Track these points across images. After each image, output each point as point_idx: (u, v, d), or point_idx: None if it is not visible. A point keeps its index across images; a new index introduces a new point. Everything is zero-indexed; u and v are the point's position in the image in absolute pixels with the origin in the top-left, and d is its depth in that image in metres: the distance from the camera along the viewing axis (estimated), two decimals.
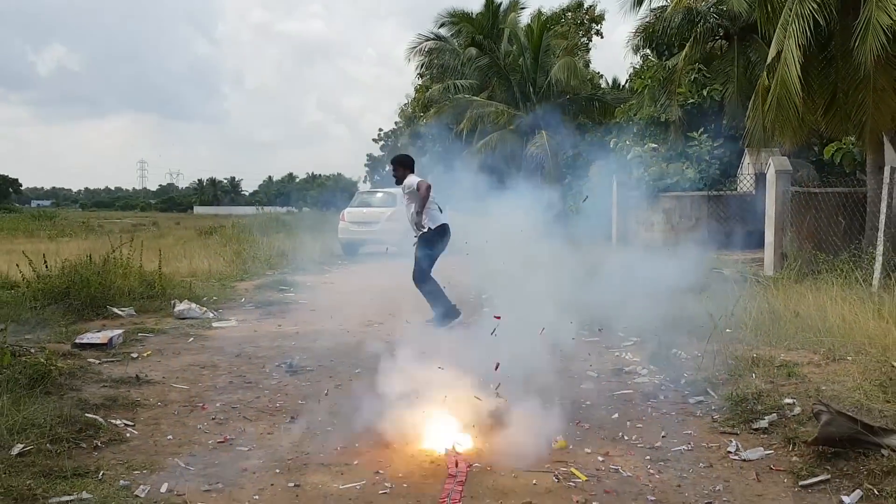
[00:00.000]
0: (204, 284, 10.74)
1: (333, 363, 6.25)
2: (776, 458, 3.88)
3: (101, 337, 6.55)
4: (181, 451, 4.18)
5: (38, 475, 3.66)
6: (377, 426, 4.44)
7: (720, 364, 5.43)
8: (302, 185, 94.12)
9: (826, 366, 5.24)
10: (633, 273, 8.78)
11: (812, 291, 7.76)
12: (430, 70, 33.76)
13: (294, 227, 23.25)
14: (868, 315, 6.39)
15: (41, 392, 4.79)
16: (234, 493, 3.63)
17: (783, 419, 4.26)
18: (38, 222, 38.60)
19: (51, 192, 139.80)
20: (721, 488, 3.58)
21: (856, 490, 3.38)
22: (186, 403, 5.08)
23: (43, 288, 8.41)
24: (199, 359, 6.35)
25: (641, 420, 4.62)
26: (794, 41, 11.75)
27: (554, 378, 5.21)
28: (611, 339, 6.73)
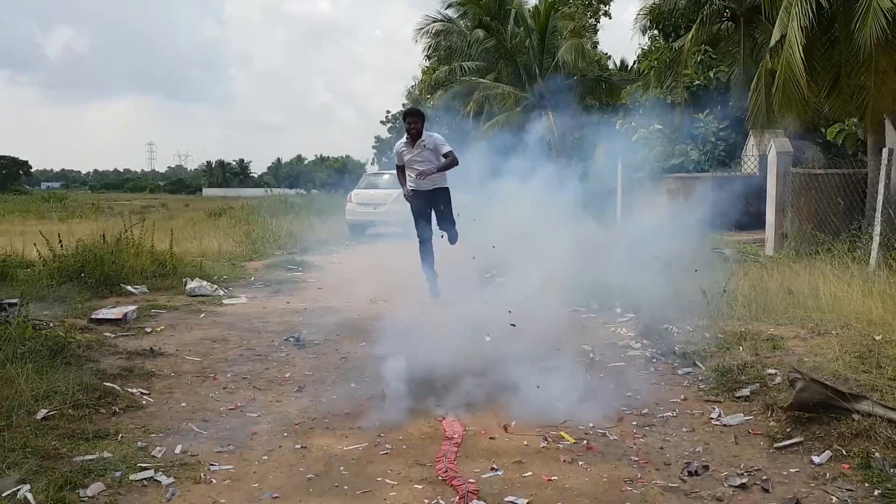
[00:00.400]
0: (214, 264, 10.98)
1: (339, 337, 6.50)
2: (755, 423, 4.11)
3: (116, 312, 6.81)
4: (194, 417, 4.44)
5: (62, 437, 3.92)
6: (380, 394, 4.69)
7: (710, 338, 5.66)
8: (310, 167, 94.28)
9: (811, 339, 5.45)
10: (634, 252, 8.96)
11: (808, 270, 7.94)
12: (438, 52, 33.78)
13: (302, 208, 23.46)
14: (857, 293, 6.58)
15: (61, 363, 5.05)
16: (244, 453, 3.88)
17: (764, 388, 4.49)
18: (48, 204, 38.96)
19: (60, 174, 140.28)
20: (701, 450, 3.82)
21: (825, 451, 3.61)
22: (199, 374, 5.34)
23: (58, 267, 8.67)
24: (210, 333, 6.60)
25: (631, 389, 4.85)
26: (797, 23, 11.85)
27: (549, 351, 5.44)
28: (607, 315, 6.95)
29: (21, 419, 4.03)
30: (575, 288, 7.83)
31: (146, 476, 3.54)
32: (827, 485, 3.35)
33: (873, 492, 3.23)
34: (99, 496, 3.31)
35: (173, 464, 3.71)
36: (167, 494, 3.37)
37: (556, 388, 4.66)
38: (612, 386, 4.91)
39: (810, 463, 3.57)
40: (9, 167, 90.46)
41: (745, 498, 3.27)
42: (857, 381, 4.30)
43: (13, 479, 3.36)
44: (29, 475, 3.42)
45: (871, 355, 4.77)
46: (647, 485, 3.42)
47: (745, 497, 3.28)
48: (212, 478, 3.57)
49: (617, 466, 3.64)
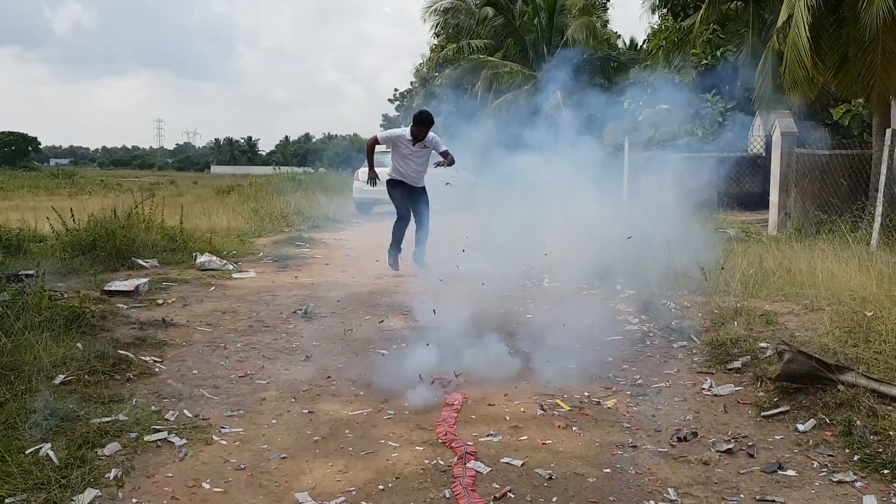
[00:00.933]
0: (223, 240, 11.14)
1: (345, 310, 6.66)
2: (744, 394, 4.26)
3: (129, 284, 6.99)
4: (205, 384, 4.62)
5: (80, 400, 4.10)
6: (384, 364, 4.87)
7: (706, 313, 5.80)
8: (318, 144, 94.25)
9: (804, 315, 5.59)
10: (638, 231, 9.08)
11: (807, 250, 8.05)
12: (446, 30, 33.72)
13: (310, 186, 23.60)
14: (854, 271, 6.70)
15: (77, 331, 5.22)
16: (253, 417, 4.06)
17: (755, 361, 4.63)
18: (57, 180, 39.23)
19: (69, 151, 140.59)
20: (691, 418, 3.98)
21: (810, 419, 3.76)
22: (209, 344, 5.51)
23: (71, 240, 8.86)
24: (220, 305, 6.78)
25: (627, 362, 5.01)
26: (803, 3, 11.88)
27: (550, 325, 5.59)
28: (608, 292, 7.09)
29: (40, 383, 4.21)
30: (578, 265, 7.97)
31: (160, 437, 3.72)
32: (809, 451, 3.51)
33: (853, 457, 3.38)
34: (115, 455, 3.48)
35: (185, 426, 3.89)
36: (180, 454, 3.55)
37: (554, 360, 4.83)
38: (609, 359, 5.06)
39: (795, 430, 3.72)
40: (18, 143, 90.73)
41: (730, 462, 3.42)
42: (845, 354, 4.44)
43: (36, 438, 3.54)
44: (49, 435, 3.60)
45: (861, 330, 4.90)
46: (638, 449, 3.58)
47: (730, 461, 3.43)
48: (222, 439, 3.75)
49: (609, 432, 3.80)
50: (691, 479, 3.25)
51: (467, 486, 3.13)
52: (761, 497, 3.07)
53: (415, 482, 3.24)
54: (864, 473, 3.24)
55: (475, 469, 3.31)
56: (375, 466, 3.41)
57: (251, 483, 3.26)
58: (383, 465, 3.42)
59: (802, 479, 3.25)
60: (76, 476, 3.20)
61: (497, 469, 3.34)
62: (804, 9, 11.73)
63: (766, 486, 3.18)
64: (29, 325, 4.90)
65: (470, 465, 3.34)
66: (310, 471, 3.38)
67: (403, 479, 3.26)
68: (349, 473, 3.35)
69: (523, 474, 3.29)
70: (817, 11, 11.81)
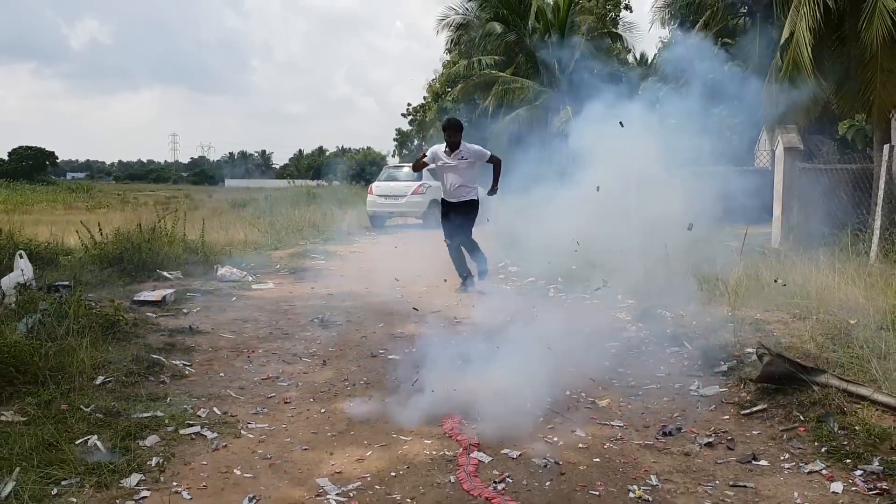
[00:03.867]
0: (241, 252, 11.58)
1: (360, 319, 7.05)
2: (728, 394, 4.62)
3: (156, 295, 7.41)
4: (232, 386, 5.01)
5: (119, 399, 4.51)
6: (396, 367, 5.25)
7: (699, 322, 6.15)
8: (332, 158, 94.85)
9: (792, 323, 5.93)
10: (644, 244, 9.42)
11: (804, 262, 8.37)
12: (459, 45, 34.25)
13: (324, 200, 24.08)
14: (846, 282, 7.02)
15: (113, 337, 5.64)
16: (276, 415, 4.45)
17: (741, 364, 4.98)
18: (74, 195, 39.92)
19: (85, 165, 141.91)
20: (678, 415, 4.34)
21: (786, 416, 4.11)
22: (234, 349, 5.91)
23: (99, 253, 9.32)
24: (242, 314, 7.18)
25: (623, 365, 5.37)
26: (805, 23, 12.25)
27: (552, 332, 5.95)
28: (609, 301, 7.44)
29: (83, 384, 4.62)
30: (583, 276, 8.36)
31: (194, 431, 4.11)
32: (783, 444, 3.86)
33: (821, 449, 3.73)
34: (155, 446, 3.87)
35: (216, 422, 4.28)
36: (212, 445, 3.93)
37: (555, 363, 5.18)
38: (606, 363, 5.42)
39: (771, 426, 4.07)
40: (36, 158, 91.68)
41: (710, 453, 3.78)
42: (825, 359, 4.80)
43: (83, 430, 3.94)
44: (96, 428, 4.00)
45: (842, 336, 5.25)
46: (627, 442, 3.94)
47: (710, 453, 3.79)
48: (249, 433, 4.13)
49: (602, 427, 4.16)
50: (672, 468, 3.61)
51: (470, 472, 3.50)
52: (734, 483, 3.42)
53: (423, 469, 3.61)
54: (830, 463, 3.59)
55: (478, 458, 3.68)
56: (388, 457, 3.78)
57: (277, 470, 3.64)
58: (395, 456, 3.79)
59: (774, 468, 3.60)
60: (122, 463, 3.60)
61: (497, 459, 3.71)
62: (806, 29, 12.10)
63: (740, 474, 3.54)
64: (70, 332, 5.31)
65: (473, 455, 3.71)
66: (329, 460, 3.76)
67: (413, 467, 3.64)
68: (365, 462, 3.72)
69: (521, 463, 3.66)
70: (819, 31, 12.18)
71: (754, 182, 18.32)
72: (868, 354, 4.73)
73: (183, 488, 3.40)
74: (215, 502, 3.30)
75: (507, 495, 3.28)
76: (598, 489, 3.36)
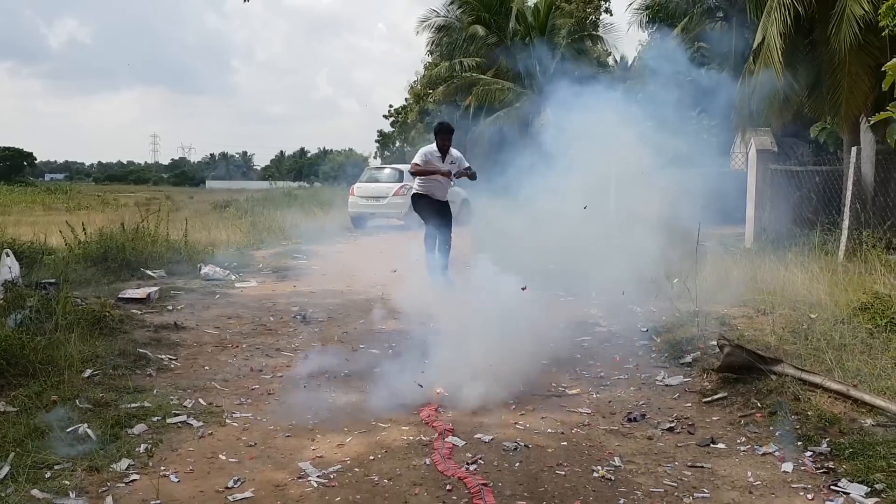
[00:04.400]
0: (224, 252, 11.71)
1: (341, 315, 7.24)
2: (692, 383, 4.86)
3: (141, 293, 7.55)
4: (216, 378, 5.18)
5: (108, 390, 4.67)
6: (375, 360, 5.44)
7: (668, 317, 6.40)
8: (314, 160, 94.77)
9: (756, 318, 6.19)
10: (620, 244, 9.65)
11: (774, 261, 8.64)
12: (440, 47, 34.45)
13: (306, 201, 24.20)
14: (812, 280, 7.29)
15: (99, 333, 5.79)
16: (260, 405, 4.63)
17: (705, 356, 5.22)
18: (53, 196, 39.66)
19: (64, 166, 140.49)
20: (643, 403, 4.57)
21: (744, 404, 4.35)
22: (218, 344, 6.08)
23: (83, 253, 9.44)
24: (225, 311, 7.35)
25: (593, 358, 5.60)
26: (776, 28, 12.57)
27: (527, 328, 6.16)
28: (583, 299, 7.67)
29: (72, 376, 4.77)
30: (558, 274, 8.58)
31: (180, 420, 4.28)
32: (740, 429, 4.10)
33: (775, 433, 3.97)
34: (143, 434, 4.04)
35: (202, 412, 4.45)
36: (198, 433, 4.11)
37: (528, 357, 5.39)
38: (578, 356, 5.65)
39: (731, 413, 4.31)
40: (13, 159, 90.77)
41: (671, 438, 4.01)
42: (784, 350, 5.04)
43: (74, 419, 4.10)
44: (86, 417, 4.16)
45: (803, 330, 5.50)
46: (593, 428, 4.16)
47: (671, 437, 4.02)
48: (234, 422, 4.32)
49: (570, 415, 4.39)
50: (635, 451, 3.83)
51: (445, 455, 3.71)
52: (692, 464, 3.65)
53: (401, 453, 3.81)
54: (783, 446, 3.82)
55: (452, 443, 3.89)
56: (367, 442, 3.98)
57: (261, 455, 3.82)
58: (374, 441, 3.99)
59: (730, 450, 3.83)
60: (112, 449, 3.77)
61: (471, 443, 3.92)
62: (776, 35, 12.42)
63: (698, 455, 3.77)
64: (58, 327, 5.46)
65: (448, 440, 3.91)
66: (311, 446, 3.95)
67: (391, 452, 3.84)
68: (345, 447, 3.91)
69: (493, 447, 3.87)
70: (789, 36, 12.50)
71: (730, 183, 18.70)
72: (825, 346, 4.98)
73: (171, 472, 3.58)
74: (202, 485, 3.47)
75: (479, 475, 3.48)
76: (563, 469, 3.57)
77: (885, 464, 3.44)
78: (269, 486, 3.45)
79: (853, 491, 3.28)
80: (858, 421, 3.97)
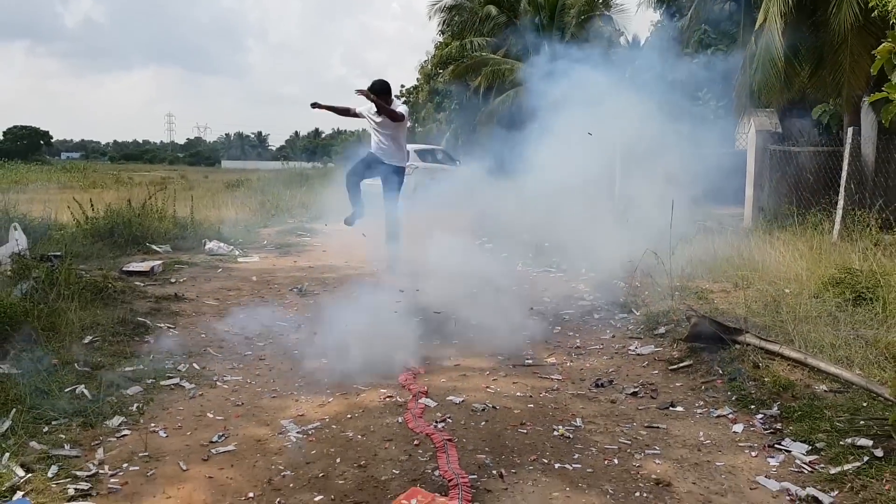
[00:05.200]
0: (231, 229, 11.97)
1: (336, 289, 7.47)
2: (661, 353, 5.08)
3: (145, 266, 7.83)
4: (212, 345, 5.45)
5: (106, 355, 4.94)
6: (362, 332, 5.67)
7: (650, 292, 6.60)
8: (328, 140, 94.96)
9: (734, 292, 6.38)
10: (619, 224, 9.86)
11: (769, 239, 8.80)
12: (451, 27, 34.46)
13: (316, 180, 24.42)
14: (797, 257, 7.46)
15: (101, 303, 6.06)
16: (251, 369, 4.90)
17: (677, 328, 5.43)
18: (69, 174, 40.12)
19: (80, 145, 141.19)
20: (613, 370, 4.80)
21: (707, 371, 4.57)
22: (216, 314, 6.34)
23: (91, 228, 9.73)
24: (226, 284, 7.61)
25: (573, 330, 5.83)
26: (776, 8, 12.64)
27: (514, 301, 6.39)
28: (572, 274, 7.88)
29: (73, 342, 5.05)
30: (551, 250, 8.81)
31: (173, 382, 4.55)
32: (700, 394, 4.32)
33: (732, 398, 4.19)
34: (137, 395, 4.31)
35: (195, 375, 4.72)
36: (189, 394, 4.38)
37: (510, 328, 5.63)
38: (558, 328, 5.87)
39: (694, 379, 4.53)
40: (30, 137, 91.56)
41: (633, 402, 4.24)
42: (753, 322, 5.24)
43: (72, 381, 4.37)
44: (83, 379, 4.43)
45: (775, 304, 5.69)
46: (561, 392, 4.40)
47: (633, 401, 4.24)
48: (224, 385, 4.58)
49: (542, 381, 4.62)
50: (597, 413, 4.06)
51: (416, 414, 3.95)
52: (649, 424, 3.88)
53: (376, 413, 4.06)
54: (737, 409, 4.04)
55: (425, 404, 4.13)
56: (347, 402, 4.23)
57: (246, 414, 4.08)
58: (353, 402, 4.24)
59: (687, 413, 4.05)
60: (106, 407, 4.03)
61: (442, 404, 4.16)
62: (777, 14, 12.49)
63: (655, 417, 3.99)
64: (61, 296, 5.73)
65: (421, 402, 4.16)
66: (294, 406, 4.20)
67: (367, 411, 4.09)
68: (325, 407, 4.17)
69: (462, 408, 4.11)
70: (790, 16, 12.56)
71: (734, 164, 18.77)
72: (791, 318, 5.18)
73: (160, 428, 3.85)
74: (188, 439, 3.73)
75: (445, 432, 3.73)
76: (526, 428, 3.81)
77: (828, 425, 3.65)
78: (251, 441, 3.71)
79: (794, 449, 3.50)
80: (813, 387, 4.18)
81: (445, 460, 3.37)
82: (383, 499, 3.07)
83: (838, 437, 3.50)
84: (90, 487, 3.19)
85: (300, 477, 3.29)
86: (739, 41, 20.77)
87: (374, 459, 3.46)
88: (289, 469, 3.37)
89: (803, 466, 3.34)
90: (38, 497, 3.09)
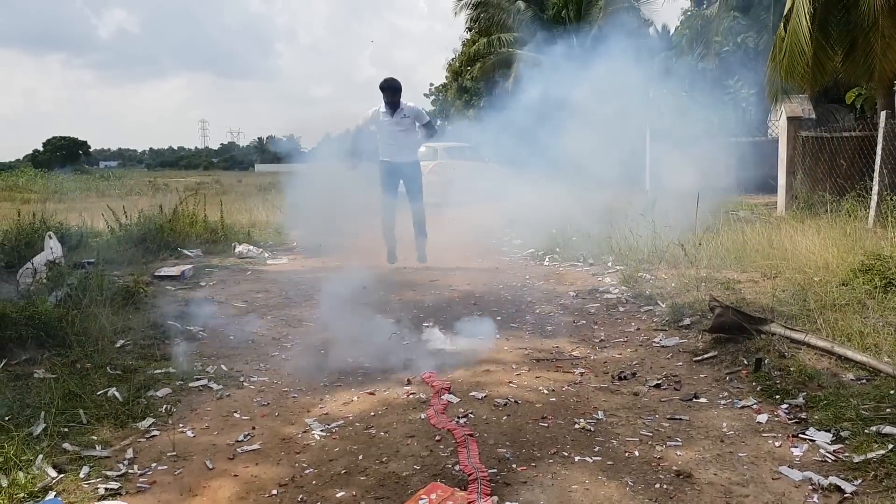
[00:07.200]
0: (262, 232, 12.13)
1: (366, 290, 7.53)
2: (686, 344, 5.05)
3: (176, 270, 7.97)
4: (240, 346, 5.53)
5: (137, 358, 5.05)
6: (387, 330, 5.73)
7: (677, 283, 6.55)
8: None
9: (762, 282, 6.31)
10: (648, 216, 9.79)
11: (801, 228, 8.67)
12: (479, 23, 34.41)
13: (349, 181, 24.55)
14: (829, 245, 7.35)
15: (132, 307, 6.20)
16: (277, 370, 4.96)
17: (703, 319, 5.39)
18: (107, 182, 40.84)
19: (117, 153, 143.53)
20: (637, 362, 4.78)
21: (731, 361, 4.53)
22: (244, 316, 6.43)
23: (124, 235, 9.93)
24: (254, 286, 7.71)
25: (598, 323, 5.81)
26: None
27: (541, 295, 6.41)
28: (599, 268, 7.85)
29: (105, 346, 5.17)
30: (579, 245, 8.79)
31: (202, 384, 4.63)
32: (724, 385, 4.28)
33: (756, 388, 4.15)
34: (166, 396, 4.40)
35: (222, 376, 4.80)
36: (217, 395, 4.45)
37: (535, 323, 5.64)
38: (582, 321, 5.86)
39: (718, 370, 4.49)
40: (69, 147, 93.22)
41: (656, 393, 4.22)
42: (781, 312, 5.18)
43: (103, 383, 4.48)
44: (114, 382, 4.53)
45: (803, 293, 5.62)
46: (584, 385, 4.39)
47: (656, 393, 4.23)
48: (251, 385, 4.65)
49: (565, 374, 4.62)
50: (620, 405, 4.05)
51: (439, 410, 3.98)
52: (672, 416, 3.86)
53: (400, 409, 4.10)
54: (762, 399, 4.01)
55: (447, 400, 4.16)
56: (371, 400, 4.27)
57: (272, 414, 4.15)
58: (377, 400, 4.28)
59: (711, 404, 4.03)
60: (137, 409, 4.13)
61: (465, 399, 4.19)
62: None
63: (678, 409, 3.97)
64: (94, 302, 5.87)
65: (444, 398, 4.19)
66: (319, 405, 4.26)
67: (391, 408, 4.13)
68: (350, 405, 4.22)
69: (485, 403, 4.13)
70: (818, 0, 12.37)
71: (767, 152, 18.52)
72: (819, 307, 5.11)
73: (188, 428, 3.92)
74: (214, 439, 3.81)
75: (467, 427, 3.75)
76: (547, 422, 3.82)
77: (854, 414, 3.60)
78: (277, 440, 3.77)
79: (818, 438, 3.47)
80: (839, 376, 4.13)
81: (466, 455, 3.40)
82: (404, 494, 3.10)
83: (863, 426, 3.46)
84: (119, 487, 3.27)
85: (323, 474, 3.34)
86: (769, 27, 20.48)
87: (396, 455, 3.49)
88: (312, 466, 3.42)
89: (827, 455, 3.30)
90: (70, 497, 3.17)
